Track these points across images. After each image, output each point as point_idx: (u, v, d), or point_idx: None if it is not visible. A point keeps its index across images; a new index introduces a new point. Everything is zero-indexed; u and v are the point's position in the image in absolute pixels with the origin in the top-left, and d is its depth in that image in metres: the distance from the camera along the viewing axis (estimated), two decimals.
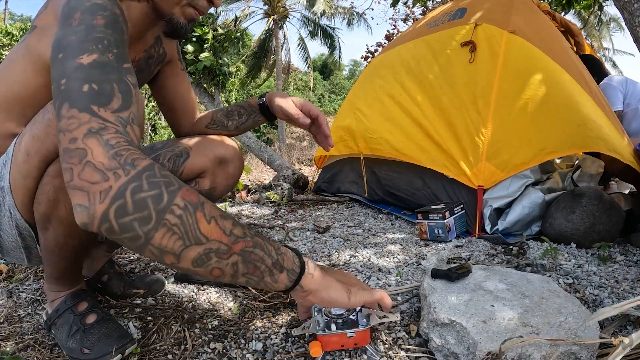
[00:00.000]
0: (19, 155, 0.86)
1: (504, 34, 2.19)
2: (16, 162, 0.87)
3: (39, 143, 0.83)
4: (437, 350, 0.96)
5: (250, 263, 0.71)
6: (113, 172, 0.61)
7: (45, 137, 0.82)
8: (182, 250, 0.64)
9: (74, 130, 0.63)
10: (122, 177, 0.61)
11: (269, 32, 18.97)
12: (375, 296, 0.91)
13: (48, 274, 1.00)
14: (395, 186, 2.50)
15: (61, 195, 0.85)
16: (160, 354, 0.99)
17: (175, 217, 0.63)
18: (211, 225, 0.66)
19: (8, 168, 0.88)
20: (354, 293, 0.88)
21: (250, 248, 0.71)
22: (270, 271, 0.74)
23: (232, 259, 0.69)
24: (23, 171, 0.86)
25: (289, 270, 0.77)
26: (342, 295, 0.86)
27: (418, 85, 2.43)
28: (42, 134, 0.83)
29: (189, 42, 5.15)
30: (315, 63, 31.11)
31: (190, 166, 1.26)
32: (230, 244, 0.68)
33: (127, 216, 0.60)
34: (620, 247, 1.76)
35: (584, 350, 0.86)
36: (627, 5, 1.59)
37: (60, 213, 0.87)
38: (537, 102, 2.01)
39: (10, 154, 0.89)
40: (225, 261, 0.68)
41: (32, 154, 0.84)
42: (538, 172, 2.08)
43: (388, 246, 1.86)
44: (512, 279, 1.16)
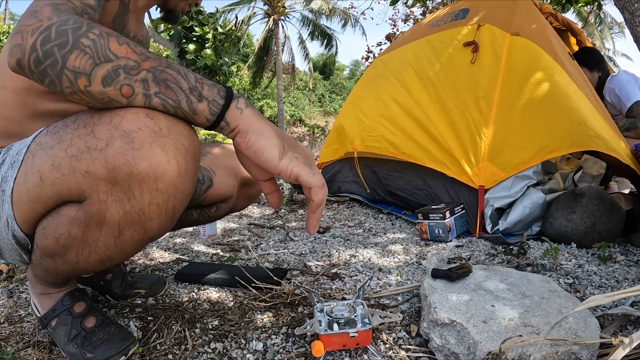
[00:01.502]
0: (31, 175, 0.77)
1: (506, 36, 2.19)
2: (25, 179, 0.78)
3: (59, 175, 0.74)
4: (438, 350, 0.96)
5: (161, 82, 0.69)
6: (48, 18, 0.68)
7: (70, 173, 0.73)
8: (92, 69, 0.67)
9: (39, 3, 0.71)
10: (54, 19, 0.68)
11: (270, 33, 18.99)
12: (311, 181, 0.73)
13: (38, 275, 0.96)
14: (395, 186, 2.50)
15: (75, 244, 0.80)
16: (160, 354, 0.99)
17: (88, 40, 0.67)
18: (122, 46, 0.68)
19: (14, 173, 0.81)
20: (288, 156, 0.73)
21: (162, 67, 0.69)
22: (187, 98, 0.70)
23: (141, 75, 0.68)
24: (32, 195, 0.78)
25: (210, 101, 0.71)
26: (274, 148, 0.72)
27: (420, 85, 2.43)
28: (66, 166, 0.73)
29: (190, 41, 5.16)
30: (317, 63, 31.12)
31: (214, 194, 1.23)
32: (140, 61, 0.68)
33: (49, 43, 0.66)
34: (621, 247, 1.76)
35: (585, 350, 0.86)
36: (627, 5, 1.59)
37: (69, 257, 0.83)
38: (538, 102, 2.02)
39: (21, 156, 0.81)
40: (134, 77, 0.68)
41: (47, 183, 0.75)
42: (540, 174, 2.08)
43: (388, 246, 1.86)
44: (512, 278, 1.16)
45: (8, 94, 0.93)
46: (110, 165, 0.69)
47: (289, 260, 1.67)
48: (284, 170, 0.72)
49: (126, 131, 0.69)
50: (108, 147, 0.69)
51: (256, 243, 1.94)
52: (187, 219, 1.30)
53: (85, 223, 0.76)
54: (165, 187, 0.71)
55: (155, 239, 0.84)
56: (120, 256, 0.83)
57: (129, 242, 0.79)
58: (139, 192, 0.71)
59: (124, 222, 0.75)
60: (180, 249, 1.85)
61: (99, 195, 0.72)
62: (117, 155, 0.69)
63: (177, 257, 1.71)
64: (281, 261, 1.66)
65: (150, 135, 0.69)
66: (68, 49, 0.66)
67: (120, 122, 0.69)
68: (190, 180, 0.76)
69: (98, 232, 0.77)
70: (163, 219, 0.76)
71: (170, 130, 0.70)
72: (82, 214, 0.75)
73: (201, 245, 1.91)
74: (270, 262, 1.64)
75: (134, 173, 0.69)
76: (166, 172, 0.70)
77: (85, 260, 0.82)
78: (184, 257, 1.72)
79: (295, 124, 23.81)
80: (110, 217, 0.74)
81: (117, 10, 0.97)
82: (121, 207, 0.72)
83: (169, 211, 0.76)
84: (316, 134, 21.85)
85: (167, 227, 0.80)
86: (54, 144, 0.76)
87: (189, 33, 6.13)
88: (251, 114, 0.73)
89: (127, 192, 0.71)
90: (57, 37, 0.66)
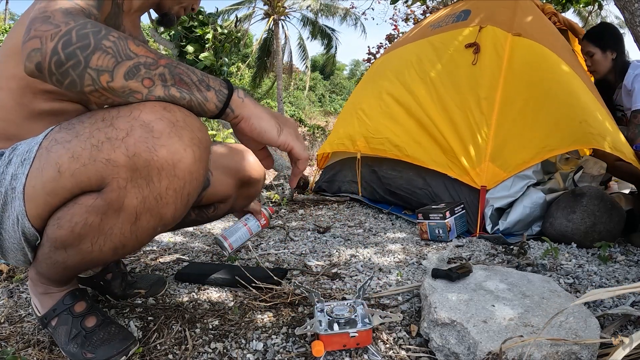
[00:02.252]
0: (48, 169, 0.79)
1: (508, 36, 2.19)
2: (40, 173, 0.80)
3: (79, 165, 0.76)
4: (438, 350, 0.96)
5: (176, 75, 0.77)
6: (64, 22, 0.72)
7: (90, 162, 0.75)
8: (115, 66, 0.72)
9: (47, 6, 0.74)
10: (71, 24, 0.72)
11: (270, 33, 19.00)
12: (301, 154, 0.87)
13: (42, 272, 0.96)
14: (395, 185, 2.50)
15: (91, 233, 0.81)
16: (160, 353, 0.99)
17: (109, 42, 0.72)
18: (139, 47, 0.75)
19: (26, 170, 0.82)
20: (284, 133, 0.86)
21: (175, 64, 0.78)
22: (198, 87, 0.78)
23: (159, 70, 0.75)
24: (49, 188, 0.80)
25: (216, 90, 0.80)
26: (273, 128, 0.84)
27: (422, 86, 2.43)
28: (87, 156, 0.76)
29: (189, 42, 5.16)
30: (317, 62, 31.11)
31: (211, 194, 1.23)
32: (157, 59, 0.76)
33: (72, 46, 0.70)
34: (621, 247, 1.76)
35: (585, 350, 0.86)
36: (627, 5, 1.59)
37: (83, 247, 0.84)
38: (540, 101, 2.02)
39: (32, 154, 0.82)
40: (153, 71, 0.75)
41: (65, 175, 0.77)
42: (540, 173, 2.08)
43: (389, 246, 1.86)
44: (512, 278, 1.16)
45: (4, 96, 0.95)
46: (131, 152, 0.74)
47: (289, 260, 1.67)
48: (282, 144, 0.85)
49: (145, 122, 0.74)
50: (129, 137, 0.74)
51: (256, 243, 1.94)
52: (186, 219, 1.30)
53: (103, 210, 0.79)
54: (182, 173, 0.77)
55: (168, 227, 0.88)
56: (134, 243, 0.85)
57: (144, 229, 0.82)
58: (158, 177, 0.75)
59: (141, 208, 0.78)
60: (180, 248, 1.85)
61: (119, 182, 0.75)
62: (138, 143, 0.73)
63: (177, 257, 1.71)
64: (281, 261, 1.66)
65: (168, 126, 0.74)
66: (90, 50, 0.71)
67: (139, 114, 0.74)
68: (204, 169, 0.81)
69: (115, 218, 0.79)
70: (179, 204, 0.81)
71: (186, 121, 0.76)
72: (101, 201, 0.78)
73: (201, 245, 1.91)
74: (270, 262, 1.64)
75: (154, 160, 0.74)
76: (183, 159, 0.76)
77: (100, 249, 0.84)
78: (184, 257, 1.72)
79: None
80: (128, 203, 0.77)
81: (110, 10, 0.98)
82: (140, 192, 0.76)
83: (184, 197, 0.80)
84: (316, 134, 21.83)
85: (181, 214, 0.84)
86: (71, 137, 0.79)
87: (189, 33, 6.14)
88: (250, 102, 0.84)
89: (147, 177, 0.75)
90: (79, 40, 0.71)
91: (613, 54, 2.43)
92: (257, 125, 0.83)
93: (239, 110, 0.82)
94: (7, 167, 0.87)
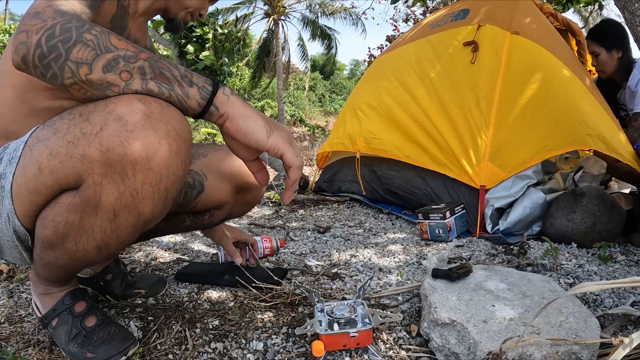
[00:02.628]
0: (30, 166, 0.79)
1: (507, 35, 2.19)
2: (24, 171, 0.80)
3: (57, 162, 0.76)
4: (438, 350, 0.96)
5: (156, 69, 0.75)
6: (52, 17, 0.73)
7: (67, 159, 0.75)
8: (94, 59, 0.72)
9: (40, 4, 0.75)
10: (57, 19, 0.73)
11: (270, 33, 18.99)
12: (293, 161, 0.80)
13: (40, 273, 0.96)
14: (395, 185, 2.50)
15: (73, 232, 0.81)
16: (161, 353, 0.99)
17: (91, 35, 0.72)
18: (121, 41, 0.75)
19: (13, 169, 0.82)
20: (274, 135, 0.79)
21: (156, 58, 0.76)
22: (179, 83, 0.76)
23: (138, 64, 0.74)
24: (31, 186, 0.80)
25: (199, 87, 0.77)
26: (261, 129, 0.78)
27: (421, 86, 2.43)
28: (63, 153, 0.75)
29: (189, 42, 5.16)
30: (317, 62, 31.11)
31: (206, 200, 1.20)
32: (137, 52, 0.75)
33: (54, 39, 0.71)
34: (621, 247, 1.76)
35: (585, 350, 0.86)
36: (627, 4, 1.59)
37: (68, 246, 0.83)
38: (539, 101, 2.02)
39: (19, 152, 0.82)
40: (132, 65, 0.74)
41: (45, 172, 0.77)
42: (540, 173, 2.08)
43: (389, 246, 1.86)
44: (512, 278, 1.16)
45: (7, 92, 0.95)
46: (104, 147, 0.72)
47: (289, 260, 1.67)
48: (272, 147, 0.79)
49: (119, 115, 0.72)
50: (102, 131, 0.73)
51: None
52: (181, 225, 1.29)
53: (81, 208, 0.78)
54: (158, 167, 0.75)
55: (151, 225, 0.86)
56: (116, 242, 0.84)
57: (124, 226, 0.81)
58: (132, 172, 0.74)
59: (118, 204, 0.77)
60: (180, 248, 1.85)
61: (94, 178, 0.74)
62: (111, 137, 0.72)
63: (177, 257, 1.71)
64: (281, 261, 1.66)
65: (142, 118, 0.73)
66: (72, 43, 0.71)
67: (114, 108, 0.73)
68: (182, 162, 0.79)
69: (94, 216, 0.79)
70: (156, 200, 0.79)
71: (162, 114, 0.74)
72: (79, 199, 0.77)
73: (201, 245, 1.91)
74: (270, 262, 1.64)
75: (127, 154, 0.72)
76: (158, 152, 0.74)
77: (84, 248, 0.83)
78: (184, 257, 1.72)
79: (296, 124, 23.79)
80: (105, 200, 0.76)
81: (115, 11, 0.98)
82: (115, 188, 0.75)
83: (161, 192, 0.78)
84: (316, 134, 21.81)
85: (161, 210, 0.82)
86: (50, 134, 0.78)
87: (189, 33, 6.14)
88: (236, 100, 0.79)
89: (121, 172, 0.74)
90: (61, 34, 0.71)
91: (619, 52, 2.36)
92: (244, 125, 0.78)
93: (224, 108, 0.78)
94: None
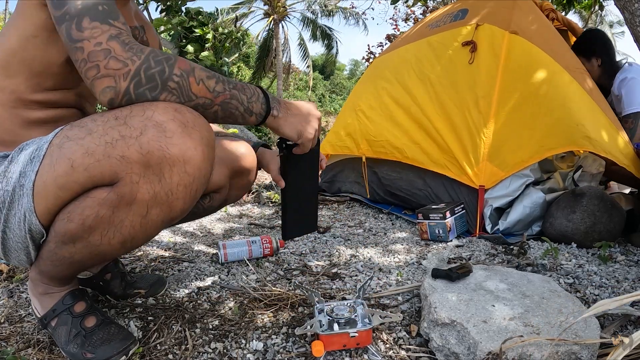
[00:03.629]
0: (60, 163, 0.82)
1: (505, 34, 2.19)
2: (52, 168, 0.83)
3: (92, 161, 0.80)
4: (438, 350, 0.96)
5: (227, 111, 0.91)
6: (130, 59, 0.80)
7: (104, 158, 0.79)
8: None
9: (98, 37, 0.80)
10: (136, 62, 0.80)
11: (270, 33, 18.99)
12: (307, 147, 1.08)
13: (45, 271, 0.96)
14: (396, 186, 2.50)
15: (101, 225, 0.84)
16: (160, 353, 0.99)
17: (174, 83, 0.83)
18: (200, 86, 0.85)
19: (35, 167, 0.84)
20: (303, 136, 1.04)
21: (228, 99, 0.90)
22: (242, 115, 0.94)
23: (214, 109, 0.89)
24: (61, 183, 0.82)
25: (256, 114, 0.96)
26: (303, 128, 1.03)
27: (420, 86, 2.43)
28: (100, 152, 0.79)
29: (189, 42, 5.16)
30: (316, 62, 31.12)
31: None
32: (213, 98, 0.87)
33: (142, 87, 0.81)
34: (621, 247, 1.76)
35: (585, 350, 0.86)
36: (627, 5, 1.59)
37: (92, 239, 0.86)
38: (538, 101, 2.01)
39: (43, 151, 0.85)
40: (209, 111, 0.88)
41: (79, 170, 0.81)
42: (538, 171, 2.08)
43: (389, 246, 1.86)
44: (512, 278, 1.16)
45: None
46: (144, 150, 0.78)
47: (289, 260, 1.67)
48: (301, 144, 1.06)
49: (158, 122, 0.79)
50: (142, 135, 0.79)
51: None
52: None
53: (115, 204, 0.82)
54: (192, 170, 0.83)
55: (175, 221, 0.96)
56: (142, 236, 0.89)
57: (153, 222, 0.86)
58: (169, 174, 0.81)
59: (152, 202, 0.83)
60: (180, 249, 1.85)
61: (132, 177, 0.80)
62: (151, 141, 0.79)
63: (177, 257, 1.71)
64: (281, 261, 1.66)
65: (180, 126, 0.80)
66: (158, 91, 0.82)
67: (152, 114, 0.80)
68: (211, 166, 0.89)
69: (126, 211, 0.83)
70: (187, 199, 0.86)
71: (195, 122, 0.83)
72: (114, 194, 0.82)
73: (201, 245, 1.91)
74: (270, 262, 1.64)
75: (166, 157, 0.80)
76: (193, 157, 0.82)
77: (108, 241, 0.87)
78: (184, 257, 1.72)
79: None
80: (140, 197, 0.82)
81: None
82: (152, 187, 0.81)
83: (192, 192, 0.86)
84: None
85: (188, 208, 0.90)
86: (84, 134, 0.82)
87: (189, 33, 6.14)
88: (280, 115, 1.00)
89: (159, 174, 0.80)
90: (148, 82, 0.81)
91: (598, 60, 2.43)
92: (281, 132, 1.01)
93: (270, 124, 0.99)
94: (13, 165, 0.88)
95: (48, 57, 0.95)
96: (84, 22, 0.80)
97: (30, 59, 0.94)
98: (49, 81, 0.97)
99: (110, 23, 0.82)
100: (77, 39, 0.80)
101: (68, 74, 0.98)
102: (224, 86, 0.89)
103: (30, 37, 0.93)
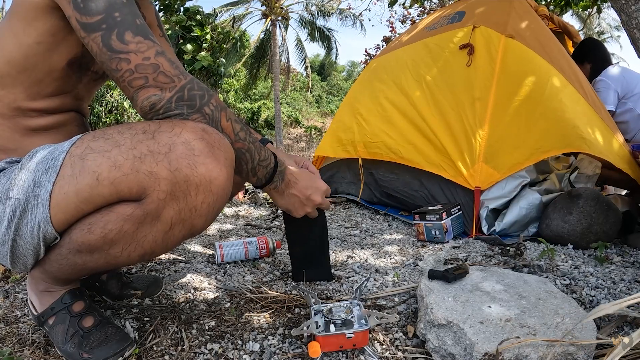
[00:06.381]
0: (85, 176, 0.80)
1: (501, 38, 2.20)
2: (75, 180, 0.80)
3: (120, 175, 0.79)
4: (434, 351, 0.96)
5: (238, 159, 0.96)
6: (177, 77, 0.87)
7: (132, 172, 0.79)
8: None
9: (145, 51, 0.84)
10: (182, 80, 0.87)
11: (267, 33, 18.99)
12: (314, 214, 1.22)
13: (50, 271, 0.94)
14: (392, 187, 2.50)
15: (123, 239, 0.84)
16: (157, 354, 0.99)
17: (209, 109, 0.90)
18: (227, 123, 0.93)
19: (52, 178, 0.82)
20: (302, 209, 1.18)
21: (244, 150, 0.97)
22: (247, 171, 1.02)
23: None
24: (84, 196, 0.80)
25: (259, 178, 1.05)
26: (294, 208, 1.17)
27: (416, 88, 2.44)
28: (129, 167, 0.79)
29: (187, 41, 5.15)
30: (313, 63, 31.13)
31: None
32: (234, 141, 0.94)
33: (182, 102, 0.87)
34: (617, 248, 1.77)
35: (581, 351, 0.86)
36: (624, 7, 1.59)
37: (112, 252, 0.86)
38: (533, 104, 2.02)
39: (59, 162, 0.82)
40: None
41: (104, 183, 0.79)
42: (534, 172, 2.09)
43: (385, 247, 1.86)
44: (509, 279, 1.17)
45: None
46: (173, 167, 0.80)
47: (285, 261, 1.66)
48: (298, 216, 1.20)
49: (187, 140, 0.81)
50: (171, 152, 0.80)
51: None
52: None
53: (140, 220, 0.83)
54: (217, 189, 0.84)
55: (194, 236, 0.99)
56: (162, 250, 0.91)
57: (175, 237, 0.88)
58: (195, 192, 0.82)
59: (177, 219, 0.84)
60: (176, 249, 1.85)
61: (159, 194, 0.80)
62: (180, 159, 0.80)
63: (173, 258, 1.70)
64: (278, 262, 1.66)
65: (207, 146, 0.82)
66: (194, 110, 0.88)
67: (181, 132, 0.82)
68: (231, 185, 0.90)
69: (150, 227, 0.84)
70: (209, 217, 0.88)
71: (220, 143, 0.86)
72: (140, 211, 0.82)
73: (198, 247, 1.90)
74: (267, 262, 1.64)
75: (194, 175, 0.81)
76: (218, 177, 0.84)
77: (128, 255, 0.87)
78: (180, 257, 1.71)
79: (292, 125, 23.80)
80: (166, 214, 0.83)
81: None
82: (177, 204, 0.82)
83: (214, 210, 0.88)
84: (313, 134, 21.84)
85: (208, 225, 0.92)
86: (111, 147, 0.81)
87: (187, 33, 6.13)
88: (279, 189, 1.12)
89: (185, 191, 0.81)
90: (188, 100, 0.87)
91: (589, 64, 2.67)
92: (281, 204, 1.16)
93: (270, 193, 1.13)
94: (24, 173, 0.85)
95: (50, 63, 0.93)
96: (126, 35, 0.83)
97: (32, 68, 0.92)
98: (49, 88, 0.96)
99: (153, 40, 0.86)
100: (120, 50, 0.82)
101: (68, 77, 0.97)
102: (245, 135, 0.96)
103: (33, 44, 0.90)
